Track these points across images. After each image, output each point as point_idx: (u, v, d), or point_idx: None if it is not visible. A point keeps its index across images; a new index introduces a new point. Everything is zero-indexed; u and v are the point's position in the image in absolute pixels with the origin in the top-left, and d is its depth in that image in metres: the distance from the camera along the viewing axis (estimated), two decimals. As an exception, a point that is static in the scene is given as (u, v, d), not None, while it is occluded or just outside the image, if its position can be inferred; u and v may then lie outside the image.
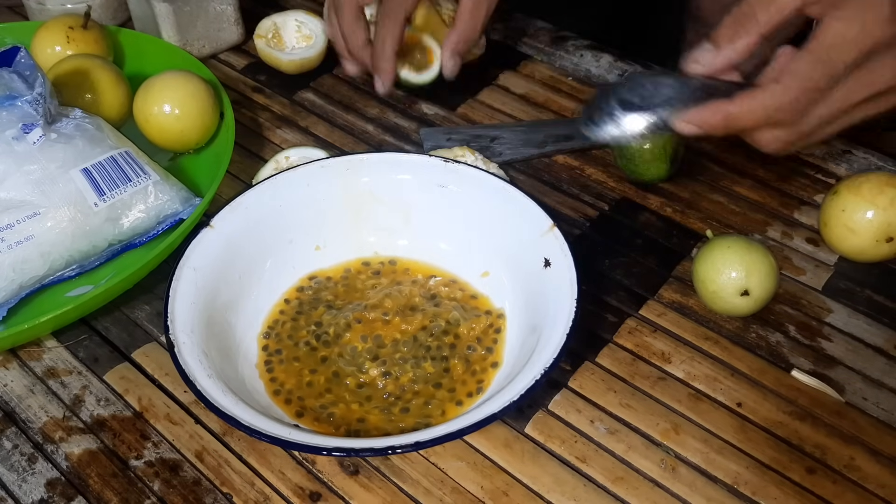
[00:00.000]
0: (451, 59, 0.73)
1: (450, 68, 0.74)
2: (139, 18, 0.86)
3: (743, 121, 0.51)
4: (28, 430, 0.56)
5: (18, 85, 0.64)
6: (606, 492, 0.51)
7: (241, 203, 0.61)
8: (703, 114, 0.51)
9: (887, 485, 0.51)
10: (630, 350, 0.59)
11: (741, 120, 0.51)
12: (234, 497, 0.52)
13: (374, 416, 0.54)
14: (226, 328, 0.57)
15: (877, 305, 0.61)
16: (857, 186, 0.60)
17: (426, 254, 0.64)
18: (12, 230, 0.60)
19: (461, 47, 0.73)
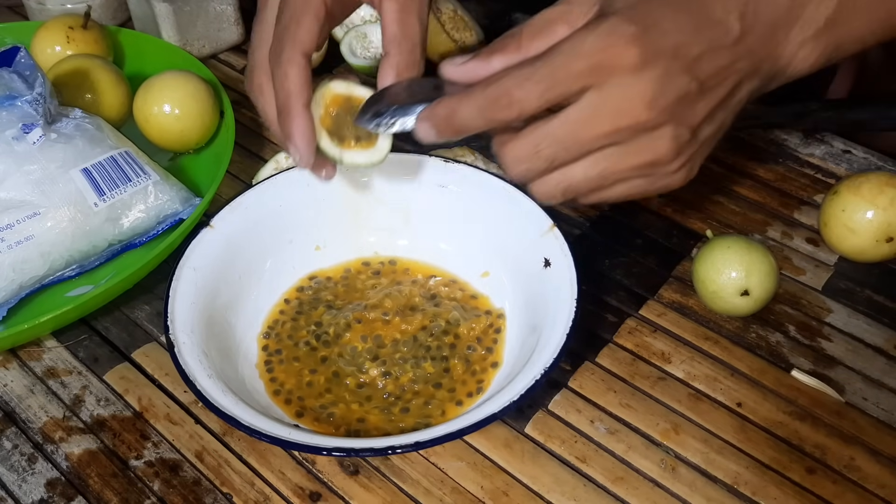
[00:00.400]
0: None
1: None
2: (139, 18, 0.86)
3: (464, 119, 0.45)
4: (28, 430, 0.56)
5: (18, 85, 0.64)
6: (606, 492, 0.51)
7: (241, 203, 0.61)
8: (434, 109, 0.47)
9: (887, 485, 0.51)
10: (630, 350, 0.59)
11: (463, 118, 0.45)
12: (234, 497, 0.52)
13: (374, 416, 0.54)
14: (226, 328, 0.57)
15: (877, 305, 0.61)
16: (857, 186, 0.60)
17: (426, 254, 0.64)
18: (12, 230, 0.60)
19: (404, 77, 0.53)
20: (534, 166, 0.46)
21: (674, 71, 0.42)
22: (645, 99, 0.42)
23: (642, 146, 0.44)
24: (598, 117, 0.43)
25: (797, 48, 0.45)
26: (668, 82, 0.42)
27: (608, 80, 0.42)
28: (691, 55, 0.43)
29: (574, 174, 0.46)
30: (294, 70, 0.51)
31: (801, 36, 0.45)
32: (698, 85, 0.43)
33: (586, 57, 0.42)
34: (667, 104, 0.43)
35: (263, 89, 0.54)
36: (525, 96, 0.43)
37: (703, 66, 0.43)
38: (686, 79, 0.43)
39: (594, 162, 0.45)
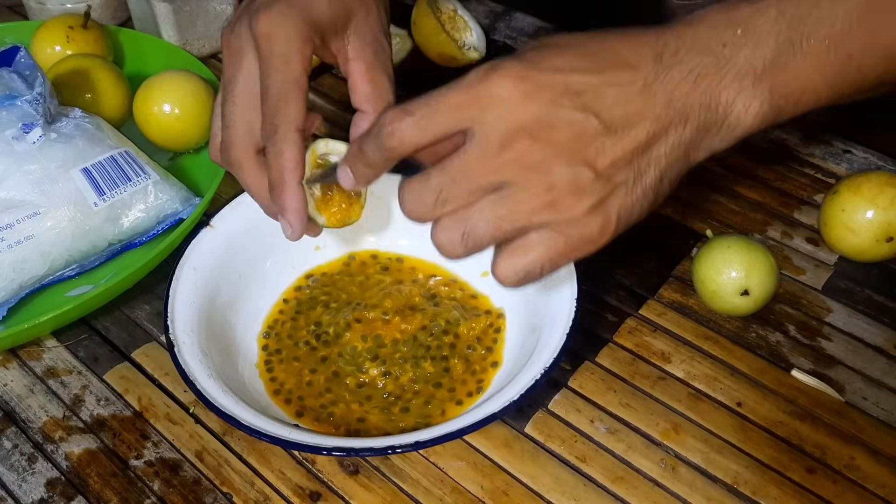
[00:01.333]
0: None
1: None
2: (139, 18, 0.86)
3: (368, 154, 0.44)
4: (28, 430, 0.56)
5: (18, 85, 0.64)
6: (606, 491, 0.51)
7: (241, 202, 0.61)
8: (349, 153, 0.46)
9: (887, 485, 0.51)
10: (630, 350, 0.59)
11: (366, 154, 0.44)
12: (234, 497, 0.52)
13: (373, 415, 0.54)
14: (226, 328, 0.57)
15: (877, 305, 0.61)
16: (857, 186, 0.60)
17: (426, 253, 0.64)
18: (12, 230, 0.60)
19: None
20: (422, 198, 0.43)
21: (564, 106, 0.40)
22: (528, 131, 0.40)
23: (537, 184, 0.41)
24: (482, 149, 0.41)
25: (734, 96, 0.42)
26: (556, 116, 0.40)
27: (490, 112, 0.40)
28: (587, 92, 0.40)
29: (472, 217, 0.42)
30: (289, 147, 0.50)
31: (738, 83, 0.42)
32: (600, 124, 0.40)
33: (464, 88, 0.41)
34: (557, 140, 0.40)
35: (243, 165, 0.53)
36: (403, 126, 0.42)
37: (607, 105, 0.40)
38: (581, 115, 0.40)
39: (491, 203, 0.42)
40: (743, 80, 0.42)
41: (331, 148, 0.52)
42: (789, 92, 0.43)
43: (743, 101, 0.42)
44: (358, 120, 0.52)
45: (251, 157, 0.53)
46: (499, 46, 0.86)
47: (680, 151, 0.42)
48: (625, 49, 0.41)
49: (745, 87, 0.42)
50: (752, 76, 0.42)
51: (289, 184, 0.50)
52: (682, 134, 0.42)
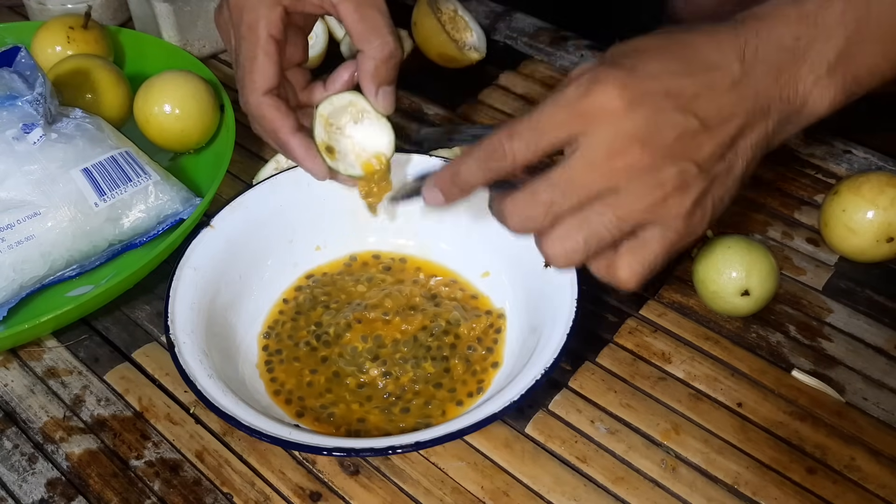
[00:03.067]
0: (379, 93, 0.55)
1: (383, 104, 0.55)
2: (139, 18, 0.86)
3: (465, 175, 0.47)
4: (28, 430, 0.56)
5: (19, 85, 0.64)
6: (607, 492, 0.51)
7: (241, 203, 0.61)
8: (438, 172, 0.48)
9: (888, 485, 0.51)
10: (630, 350, 0.59)
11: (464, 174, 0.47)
12: (235, 497, 0.52)
13: (374, 416, 0.54)
14: (226, 328, 0.57)
15: (877, 305, 0.61)
16: (857, 186, 0.60)
17: (427, 253, 0.64)
18: (13, 230, 0.60)
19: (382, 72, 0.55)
20: (533, 213, 0.44)
21: (666, 109, 0.42)
22: (637, 138, 0.42)
23: (647, 187, 0.43)
24: (591, 160, 0.42)
25: (811, 87, 0.45)
26: (661, 121, 0.42)
27: (597, 124, 0.42)
28: (685, 94, 0.42)
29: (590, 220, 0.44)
30: (265, 110, 0.54)
31: (813, 75, 0.44)
32: (699, 123, 0.43)
33: (569, 104, 0.43)
34: (664, 142, 0.42)
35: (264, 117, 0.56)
36: (515, 145, 0.44)
37: (702, 105, 0.43)
38: (682, 117, 0.42)
39: (599, 212, 0.43)
40: (818, 72, 0.44)
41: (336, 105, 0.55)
42: (859, 77, 0.45)
43: (819, 91, 0.45)
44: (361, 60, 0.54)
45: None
46: (499, 47, 0.86)
47: (764, 141, 0.45)
48: (709, 49, 0.44)
49: (821, 78, 0.44)
50: (826, 67, 0.44)
51: (286, 139, 0.55)
52: (767, 125, 0.45)
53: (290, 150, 0.55)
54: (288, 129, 0.54)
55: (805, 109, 0.45)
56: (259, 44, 0.53)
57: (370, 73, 0.54)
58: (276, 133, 0.55)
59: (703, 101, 0.43)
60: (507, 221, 0.46)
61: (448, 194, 0.48)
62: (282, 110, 0.54)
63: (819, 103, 0.45)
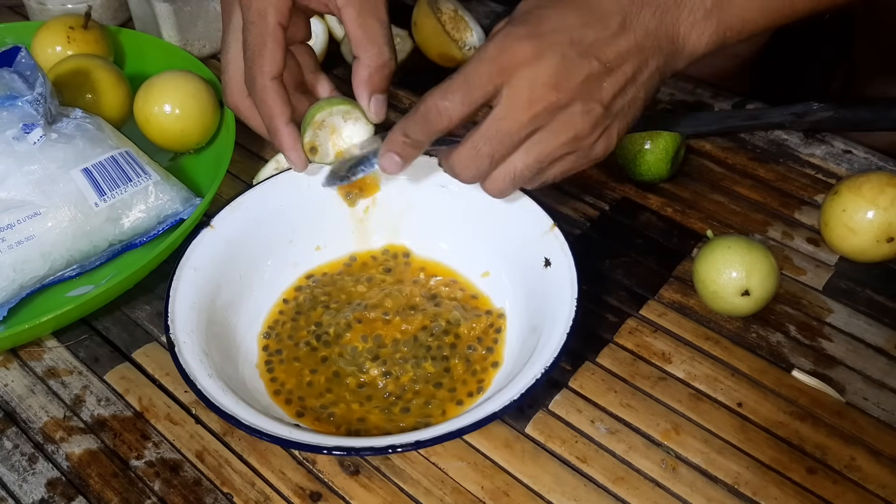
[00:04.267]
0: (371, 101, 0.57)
1: (374, 112, 0.57)
2: (139, 18, 0.86)
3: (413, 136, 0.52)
4: (29, 430, 0.56)
5: (19, 85, 0.64)
6: (607, 492, 0.51)
7: (241, 203, 0.61)
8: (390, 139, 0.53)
9: (888, 485, 0.51)
10: (630, 350, 0.59)
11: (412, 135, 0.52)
12: (235, 497, 0.52)
13: (374, 415, 0.54)
14: (226, 328, 0.57)
15: (877, 305, 0.61)
16: (857, 186, 0.60)
17: (427, 253, 0.64)
18: (13, 230, 0.60)
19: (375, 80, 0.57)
20: (478, 165, 0.51)
21: (571, 56, 0.48)
22: (549, 83, 0.48)
23: (561, 124, 0.50)
24: (516, 108, 0.49)
25: (689, 28, 0.50)
26: (567, 65, 0.48)
27: (515, 75, 0.48)
28: (586, 41, 0.48)
29: (515, 164, 0.51)
30: (269, 95, 0.57)
31: (691, 17, 0.50)
32: (601, 65, 0.49)
33: (489, 61, 0.48)
34: (572, 84, 0.48)
35: (240, 108, 0.61)
36: (448, 104, 0.50)
37: (602, 49, 0.48)
38: (586, 61, 0.48)
39: (528, 149, 0.51)
40: (696, 15, 0.50)
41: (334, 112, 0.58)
42: (733, 24, 0.51)
43: (696, 32, 0.50)
44: (356, 67, 0.57)
45: (245, 101, 0.60)
46: (499, 47, 0.86)
47: (656, 75, 0.51)
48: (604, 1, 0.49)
49: (698, 21, 0.50)
50: (703, 12, 0.50)
51: (279, 128, 0.58)
52: (658, 61, 0.51)
53: (280, 137, 0.58)
54: (283, 118, 0.58)
55: (686, 48, 0.51)
56: (268, 31, 0.56)
57: (364, 80, 0.57)
58: (271, 119, 0.58)
59: (602, 45, 0.48)
60: (459, 175, 0.53)
61: (403, 156, 0.53)
62: (284, 97, 0.58)
63: (697, 44, 0.51)
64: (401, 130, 0.52)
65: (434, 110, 0.50)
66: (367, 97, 0.57)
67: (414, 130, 0.52)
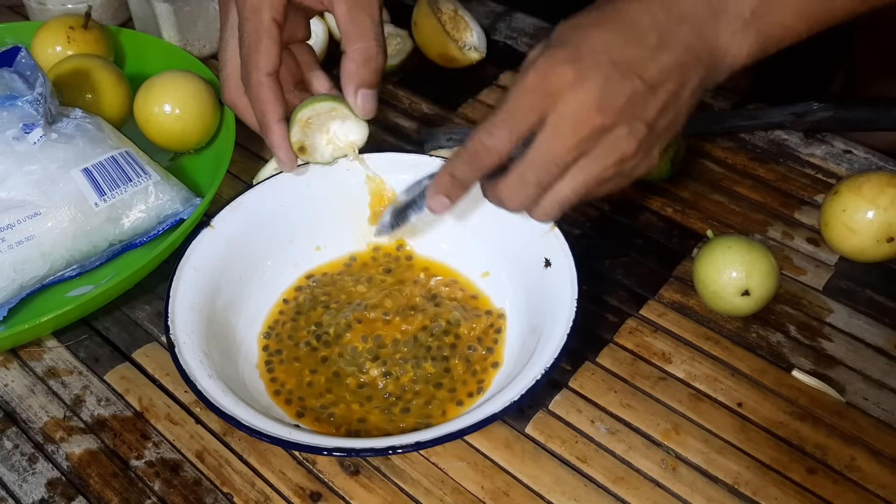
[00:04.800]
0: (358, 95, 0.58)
1: (361, 107, 0.58)
2: (139, 18, 0.86)
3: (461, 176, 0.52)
4: (29, 430, 0.56)
5: (19, 85, 0.64)
6: (607, 492, 0.51)
7: (241, 203, 0.61)
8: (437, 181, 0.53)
9: (888, 485, 0.51)
10: (630, 350, 0.59)
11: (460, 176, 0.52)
12: (235, 497, 0.52)
13: (374, 416, 0.54)
14: (226, 328, 0.57)
15: (877, 305, 0.61)
16: (857, 186, 0.60)
17: (427, 254, 0.64)
18: (13, 230, 0.60)
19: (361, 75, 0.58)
20: (526, 194, 0.51)
21: (614, 77, 0.47)
22: (594, 106, 0.47)
23: (607, 147, 0.49)
24: (561, 134, 0.48)
25: (729, 39, 0.49)
26: (611, 88, 0.47)
27: (558, 101, 0.47)
28: (627, 61, 0.47)
29: (563, 191, 0.51)
30: (263, 91, 0.58)
31: (731, 28, 0.49)
32: (644, 84, 0.48)
33: (532, 89, 0.48)
34: (616, 106, 0.47)
35: (237, 105, 0.62)
36: (496, 141, 0.49)
37: (646, 67, 0.48)
38: (629, 81, 0.47)
39: (574, 175, 0.50)
40: (735, 26, 0.49)
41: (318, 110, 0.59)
42: (773, 33, 0.50)
43: (737, 43, 0.49)
44: (344, 60, 0.57)
45: (242, 98, 0.61)
46: (499, 47, 0.86)
47: (699, 89, 0.50)
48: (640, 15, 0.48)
49: (737, 32, 0.49)
50: (742, 22, 0.49)
51: (270, 125, 0.58)
52: (700, 75, 0.50)
53: (271, 134, 0.59)
54: (276, 115, 0.58)
55: (727, 60, 0.50)
56: (263, 27, 0.57)
57: (349, 74, 0.57)
58: (264, 115, 0.58)
59: (644, 64, 0.48)
60: (506, 205, 0.52)
61: (452, 197, 0.53)
62: (278, 94, 0.58)
63: (737, 55, 0.50)
64: (448, 171, 0.52)
65: (483, 149, 0.50)
66: (354, 91, 0.58)
67: (462, 171, 0.51)
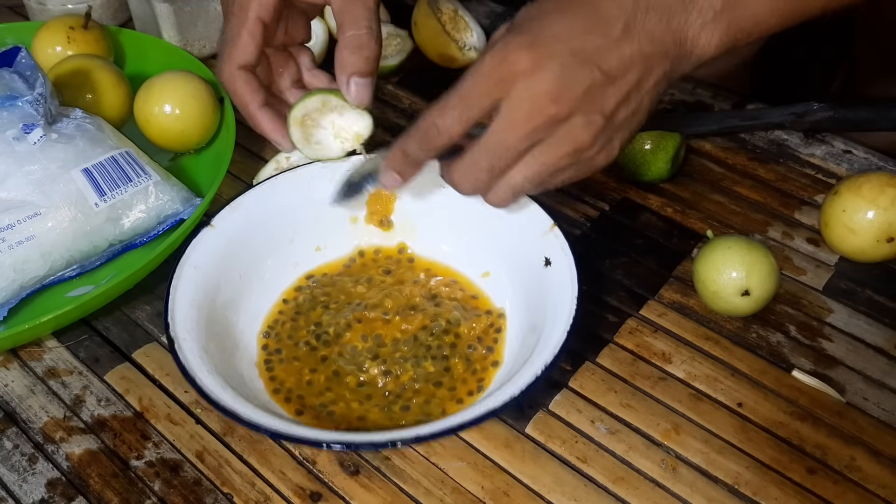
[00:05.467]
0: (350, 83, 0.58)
1: (353, 95, 0.58)
2: (139, 18, 0.87)
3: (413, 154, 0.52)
4: (29, 431, 0.56)
5: (19, 85, 0.64)
6: (607, 492, 0.51)
7: (242, 203, 0.61)
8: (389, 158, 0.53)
9: (888, 485, 0.51)
10: (631, 350, 0.59)
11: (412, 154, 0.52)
12: (235, 497, 0.52)
13: (374, 414, 0.54)
14: (226, 327, 0.57)
15: (877, 306, 0.61)
16: (857, 186, 0.60)
17: (427, 254, 0.64)
18: (13, 230, 0.60)
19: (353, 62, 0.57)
20: (478, 178, 0.51)
21: (572, 66, 0.46)
22: (549, 95, 0.47)
23: (562, 137, 0.48)
24: (515, 121, 0.48)
25: (698, 31, 0.48)
26: (568, 76, 0.46)
27: (513, 87, 0.47)
28: (588, 50, 0.47)
29: (515, 178, 0.51)
30: (236, 83, 0.59)
31: (700, 20, 0.48)
32: (602, 75, 0.47)
33: (487, 74, 0.47)
34: (572, 96, 0.47)
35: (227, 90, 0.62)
36: (446, 123, 0.49)
37: (605, 58, 0.47)
38: (587, 71, 0.47)
39: (527, 163, 0.50)
40: (705, 17, 0.48)
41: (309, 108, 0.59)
42: (744, 26, 0.49)
43: (706, 35, 0.49)
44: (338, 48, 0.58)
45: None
46: (499, 47, 0.86)
47: (664, 81, 0.50)
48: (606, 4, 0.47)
49: (707, 23, 0.48)
50: (713, 14, 0.48)
51: (253, 113, 0.60)
52: (664, 67, 0.49)
53: (258, 122, 0.60)
54: (256, 103, 0.59)
55: (695, 52, 0.49)
56: (245, 24, 0.58)
57: (341, 62, 0.58)
58: (245, 107, 0.59)
59: (604, 54, 0.47)
60: (459, 188, 0.53)
61: (403, 174, 0.54)
62: (252, 85, 0.59)
63: (706, 47, 0.49)
64: (400, 148, 0.52)
65: (433, 128, 0.50)
66: (346, 79, 0.58)
67: (413, 148, 0.52)
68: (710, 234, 0.62)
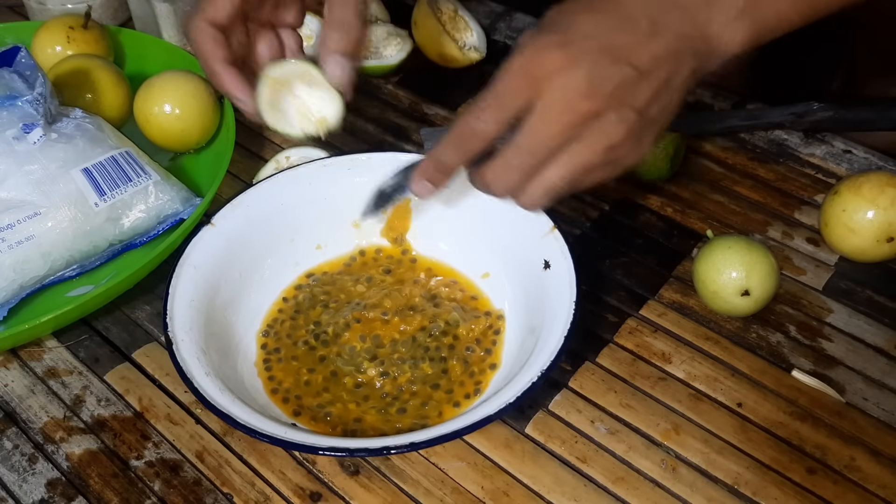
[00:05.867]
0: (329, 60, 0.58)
1: (332, 73, 0.58)
2: (139, 18, 0.86)
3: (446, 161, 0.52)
4: (29, 431, 0.56)
5: (19, 85, 0.64)
6: (607, 492, 0.51)
7: (242, 202, 0.61)
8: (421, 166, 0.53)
9: (888, 485, 0.51)
10: (630, 350, 0.59)
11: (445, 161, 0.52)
12: (235, 497, 0.52)
13: (371, 415, 0.54)
14: (225, 326, 0.57)
15: (877, 305, 0.61)
16: (857, 186, 0.60)
17: (428, 254, 0.64)
18: (13, 230, 0.60)
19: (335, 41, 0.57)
20: (511, 178, 0.50)
21: (603, 63, 0.47)
22: (582, 92, 0.46)
23: (595, 134, 0.48)
24: (549, 119, 0.47)
25: (723, 27, 0.49)
26: (600, 73, 0.46)
27: (547, 86, 0.47)
28: (618, 47, 0.47)
29: (549, 178, 0.50)
30: (202, 36, 0.57)
31: (724, 16, 0.48)
32: (635, 71, 0.47)
33: (519, 73, 0.47)
34: (605, 92, 0.47)
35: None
36: (483, 125, 0.49)
37: (635, 54, 0.47)
38: (618, 68, 0.47)
39: (562, 162, 0.49)
40: (728, 14, 0.49)
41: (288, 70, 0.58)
42: (767, 23, 0.50)
43: (730, 32, 0.49)
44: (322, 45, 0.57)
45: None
46: (499, 46, 0.86)
47: (691, 77, 0.50)
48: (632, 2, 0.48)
49: (731, 21, 0.49)
50: (736, 10, 0.49)
51: (214, 68, 0.58)
52: (692, 64, 0.49)
53: (220, 78, 0.58)
54: (219, 58, 0.57)
55: (720, 49, 0.49)
56: None
57: (324, 41, 0.57)
58: (206, 59, 0.58)
59: (635, 50, 0.47)
60: (492, 191, 0.52)
61: (436, 182, 0.53)
62: (218, 41, 0.57)
63: (731, 44, 0.49)
64: (434, 156, 0.52)
65: (469, 132, 0.49)
66: (328, 56, 0.58)
67: (448, 155, 0.51)
68: (710, 233, 0.62)
